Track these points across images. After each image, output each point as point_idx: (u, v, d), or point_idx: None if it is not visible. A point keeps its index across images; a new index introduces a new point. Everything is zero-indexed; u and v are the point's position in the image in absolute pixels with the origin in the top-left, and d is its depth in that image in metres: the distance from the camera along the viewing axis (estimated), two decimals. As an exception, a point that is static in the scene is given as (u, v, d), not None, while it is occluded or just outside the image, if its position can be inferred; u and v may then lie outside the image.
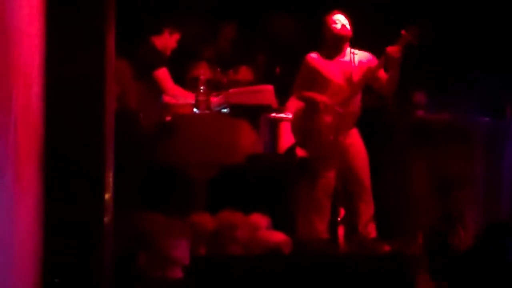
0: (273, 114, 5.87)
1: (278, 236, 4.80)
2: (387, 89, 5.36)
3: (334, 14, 5.33)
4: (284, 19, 6.83)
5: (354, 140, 5.34)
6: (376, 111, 5.70)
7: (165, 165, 5.30)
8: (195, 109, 5.61)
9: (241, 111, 5.69)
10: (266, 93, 5.78)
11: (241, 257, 4.63)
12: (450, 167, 5.57)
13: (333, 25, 5.30)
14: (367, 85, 5.37)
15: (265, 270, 4.54)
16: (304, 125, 5.36)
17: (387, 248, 5.11)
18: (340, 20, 5.30)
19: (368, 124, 5.45)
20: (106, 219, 3.45)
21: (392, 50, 5.18)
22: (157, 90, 5.75)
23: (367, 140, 5.38)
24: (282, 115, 5.91)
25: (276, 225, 4.92)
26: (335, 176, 5.32)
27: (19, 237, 3.05)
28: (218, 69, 6.40)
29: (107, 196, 3.46)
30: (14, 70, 3.06)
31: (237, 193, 5.19)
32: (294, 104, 5.75)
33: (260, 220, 4.84)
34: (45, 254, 3.33)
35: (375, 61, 5.32)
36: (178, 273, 4.25)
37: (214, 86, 5.95)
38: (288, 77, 5.75)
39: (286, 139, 5.69)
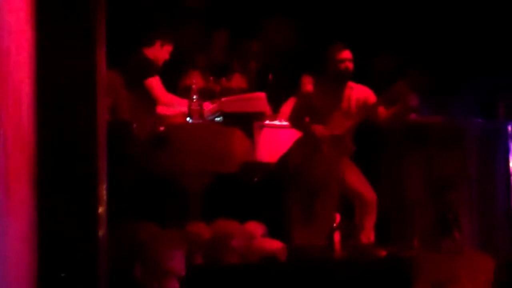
0: (267, 122, 5.86)
1: (274, 244, 4.78)
2: (388, 124, 5.33)
3: (341, 50, 5.22)
4: (277, 26, 6.82)
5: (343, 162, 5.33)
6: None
7: (159, 175, 5.29)
8: (188, 119, 5.60)
9: (234, 119, 5.68)
10: (259, 100, 5.78)
11: (238, 266, 4.62)
12: (444, 169, 5.57)
13: (339, 63, 5.21)
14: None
15: (261, 278, 4.52)
16: (301, 156, 5.34)
17: (383, 253, 5.10)
18: (346, 59, 5.21)
19: (361, 128, 5.44)
20: (100, 233, 3.43)
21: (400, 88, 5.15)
22: (150, 100, 5.75)
23: (360, 144, 5.38)
24: (276, 122, 5.90)
25: (272, 233, 4.91)
26: (337, 196, 5.32)
27: (12, 253, 3.04)
28: (211, 78, 6.39)
29: (100, 209, 3.44)
30: (4, 83, 3.05)
31: (232, 201, 5.18)
32: (288, 110, 5.74)
33: (256, 228, 4.83)
34: (39, 269, 3.31)
35: (372, 97, 5.32)
36: (174, 284, 4.23)
37: (207, 95, 5.94)
38: (281, 84, 5.75)
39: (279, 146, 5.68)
